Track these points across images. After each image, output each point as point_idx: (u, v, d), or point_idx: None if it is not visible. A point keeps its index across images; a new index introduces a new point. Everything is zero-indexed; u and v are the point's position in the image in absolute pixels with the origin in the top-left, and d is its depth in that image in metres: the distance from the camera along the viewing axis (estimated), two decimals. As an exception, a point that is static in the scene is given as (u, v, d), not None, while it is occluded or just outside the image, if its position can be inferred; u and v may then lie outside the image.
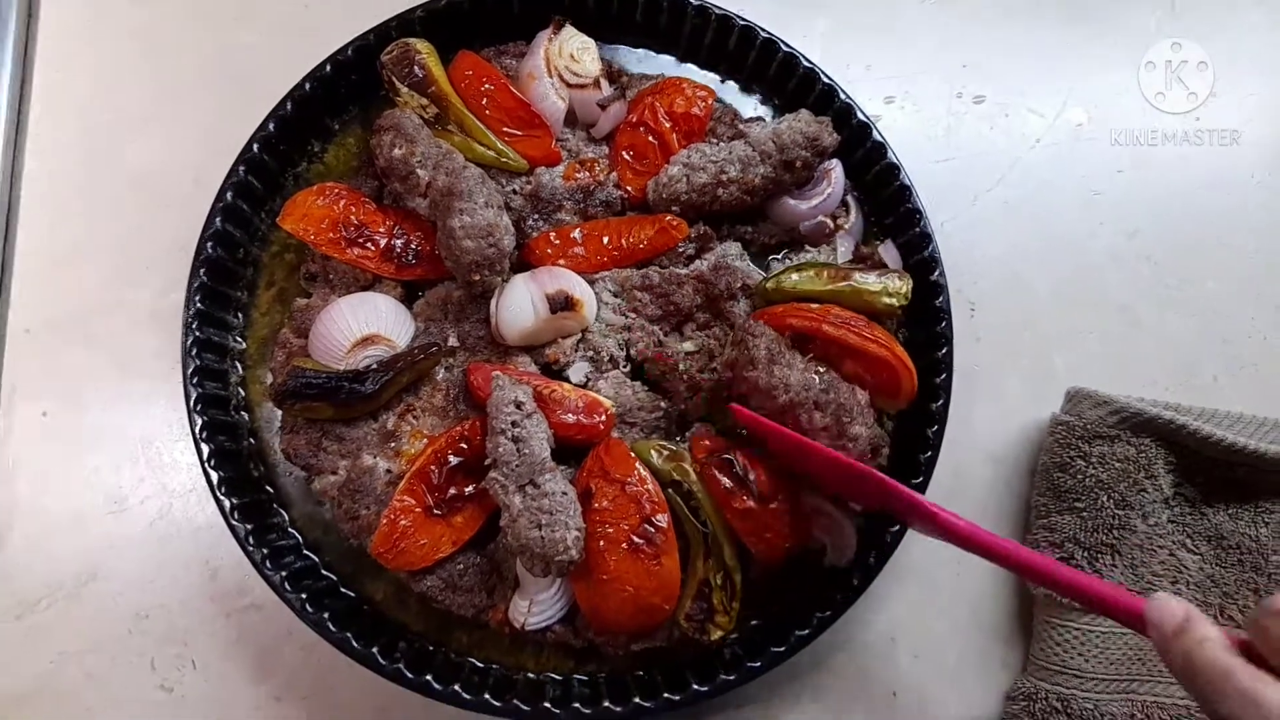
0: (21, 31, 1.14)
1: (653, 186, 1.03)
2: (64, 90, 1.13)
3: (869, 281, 0.97)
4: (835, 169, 1.04)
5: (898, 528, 0.96)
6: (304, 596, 0.93)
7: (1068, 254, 1.13)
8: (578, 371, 1.00)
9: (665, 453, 0.95)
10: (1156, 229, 1.14)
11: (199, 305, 0.99)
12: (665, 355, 1.00)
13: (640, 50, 1.12)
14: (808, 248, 1.06)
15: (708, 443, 0.95)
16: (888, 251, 1.05)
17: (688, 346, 1.01)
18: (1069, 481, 0.98)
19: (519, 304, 0.96)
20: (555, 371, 1.00)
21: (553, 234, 1.02)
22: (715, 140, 1.06)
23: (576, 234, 1.03)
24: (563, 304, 0.95)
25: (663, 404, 1.00)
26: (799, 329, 0.94)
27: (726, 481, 0.90)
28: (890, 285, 0.97)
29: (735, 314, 1.00)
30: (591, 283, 1.01)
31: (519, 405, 0.90)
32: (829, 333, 0.93)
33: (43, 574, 1.02)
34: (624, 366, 1.01)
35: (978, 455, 1.06)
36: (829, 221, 1.04)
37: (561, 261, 1.01)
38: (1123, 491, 0.96)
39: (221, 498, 0.94)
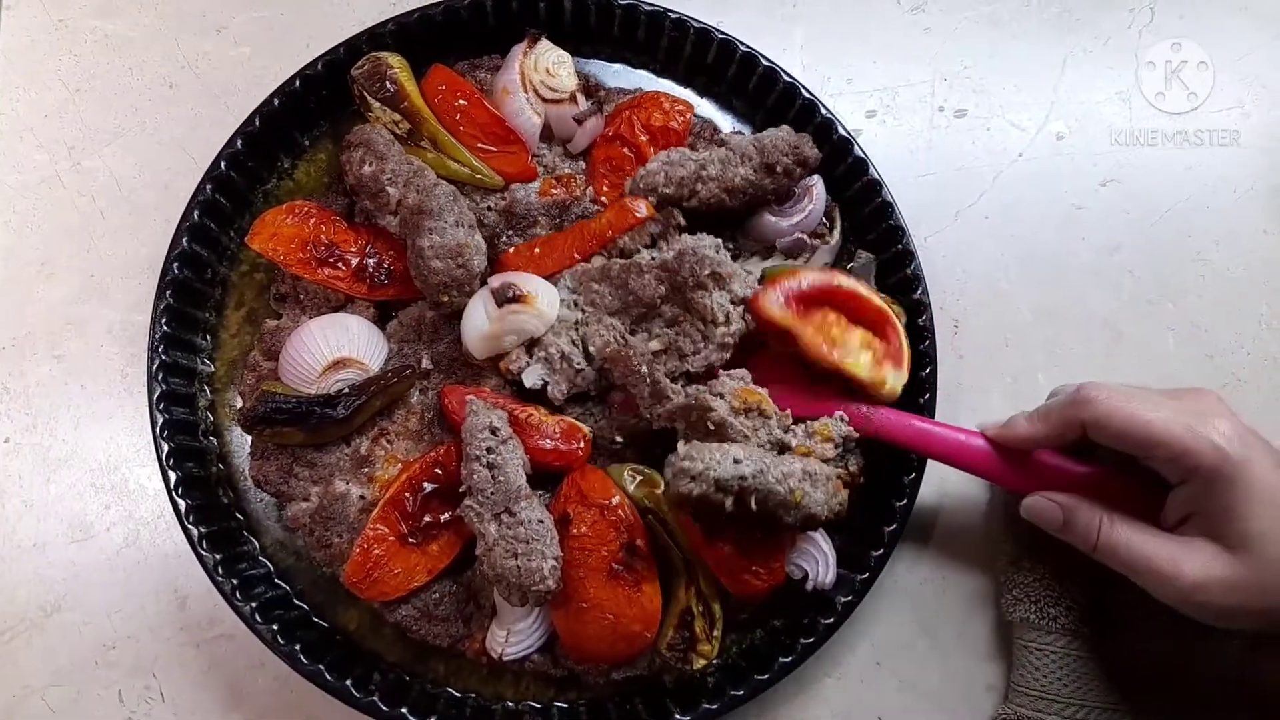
0: (-19, 44, 1.11)
1: (630, 184, 1.00)
2: (27, 103, 1.10)
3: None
4: (816, 185, 1.02)
5: (881, 551, 0.95)
6: (275, 628, 0.91)
7: (1050, 269, 1.12)
8: (531, 375, 0.95)
9: (639, 478, 0.93)
10: (1138, 243, 1.13)
11: (165, 328, 0.96)
12: (628, 357, 0.92)
13: (617, 64, 1.11)
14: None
15: None
16: (863, 268, 1.03)
17: (654, 346, 0.94)
18: None
19: (473, 312, 0.93)
20: (528, 393, 0.96)
21: (521, 247, 1.00)
22: (695, 153, 1.04)
23: (538, 247, 1.00)
24: (509, 296, 0.91)
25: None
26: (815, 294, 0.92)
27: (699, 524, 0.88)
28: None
29: (705, 306, 0.91)
30: (554, 283, 0.98)
31: (494, 431, 0.88)
32: (842, 285, 0.93)
33: (5, 605, 0.99)
34: (578, 364, 0.95)
35: (963, 476, 1.05)
36: (805, 238, 1.02)
37: (528, 270, 0.98)
38: None
39: (189, 526, 0.92)
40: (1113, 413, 0.81)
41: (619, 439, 0.96)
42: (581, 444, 0.93)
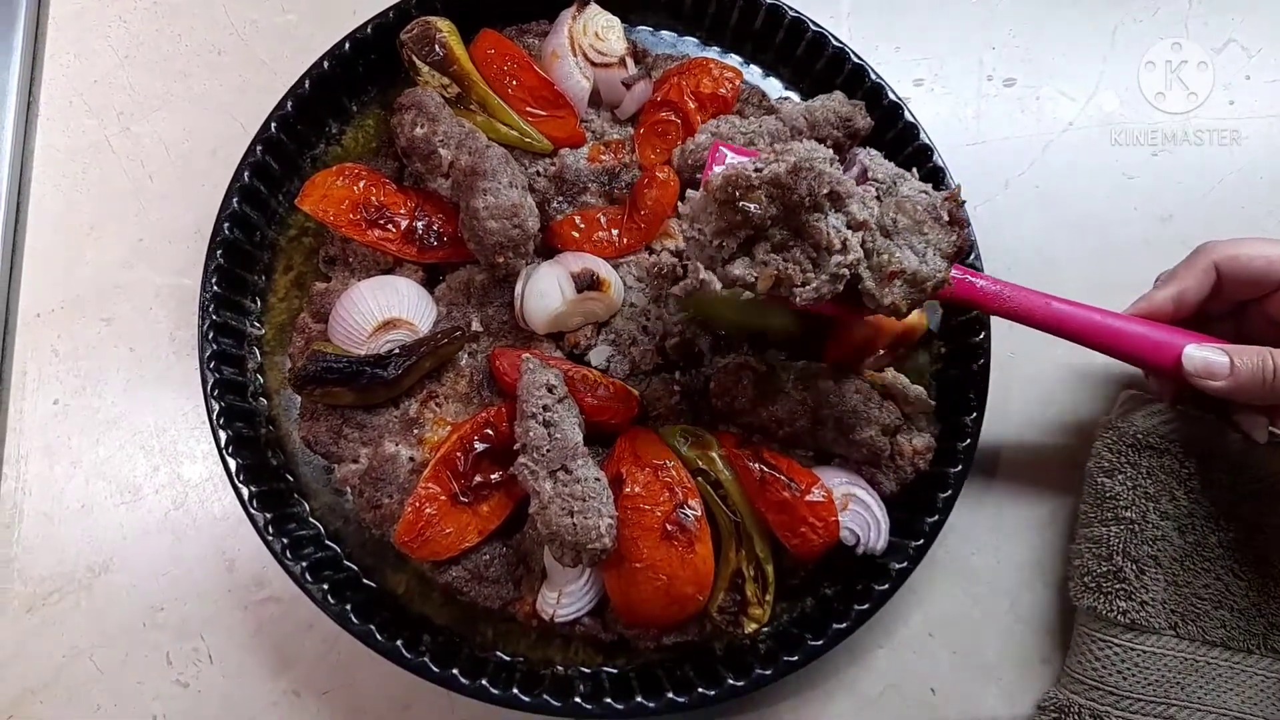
0: (33, 8, 1.11)
1: (678, 154, 0.99)
2: (77, 68, 1.11)
3: None
4: (872, 161, 1.00)
5: (936, 517, 0.93)
6: (326, 588, 0.90)
7: (1101, 239, 1.10)
8: (599, 354, 0.97)
9: (691, 439, 0.92)
10: (1191, 213, 1.11)
11: (216, 289, 0.96)
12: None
13: (663, 32, 1.10)
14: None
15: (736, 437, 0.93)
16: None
17: (755, 275, 0.77)
18: (1116, 489, 0.94)
19: (546, 288, 0.93)
20: (577, 356, 0.98)
21: (577, 217, 1.00)
22: (743, 121, 1.03)
23: (601, 218, 1.00)
24: (589, 282, 0.92)
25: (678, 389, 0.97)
26: None
27: (761, 470, 0.87)
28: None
29: (820, 230, 0.75)
30: (616, 267, 0.99)
31: (551, 389, 0.87)
32: None
33: (54, 566, 0.99)
34: (645, 347, 0.97)
35: (1015, 445, 1.04)
36: None
37: (587, 247, 0.99)
38: (1164, 505, 0.94)
39: (240, 486, 0.92)
40: (1239, 247, 0.84)
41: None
42: (634, 402, 0.93)
